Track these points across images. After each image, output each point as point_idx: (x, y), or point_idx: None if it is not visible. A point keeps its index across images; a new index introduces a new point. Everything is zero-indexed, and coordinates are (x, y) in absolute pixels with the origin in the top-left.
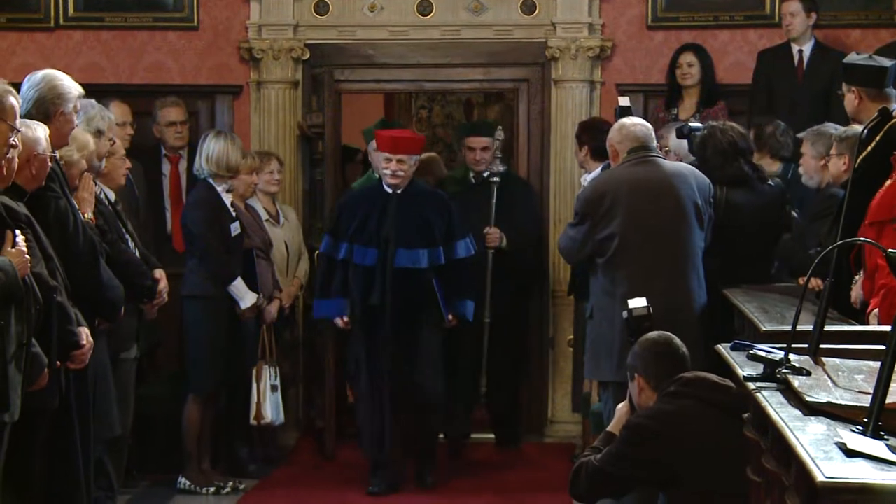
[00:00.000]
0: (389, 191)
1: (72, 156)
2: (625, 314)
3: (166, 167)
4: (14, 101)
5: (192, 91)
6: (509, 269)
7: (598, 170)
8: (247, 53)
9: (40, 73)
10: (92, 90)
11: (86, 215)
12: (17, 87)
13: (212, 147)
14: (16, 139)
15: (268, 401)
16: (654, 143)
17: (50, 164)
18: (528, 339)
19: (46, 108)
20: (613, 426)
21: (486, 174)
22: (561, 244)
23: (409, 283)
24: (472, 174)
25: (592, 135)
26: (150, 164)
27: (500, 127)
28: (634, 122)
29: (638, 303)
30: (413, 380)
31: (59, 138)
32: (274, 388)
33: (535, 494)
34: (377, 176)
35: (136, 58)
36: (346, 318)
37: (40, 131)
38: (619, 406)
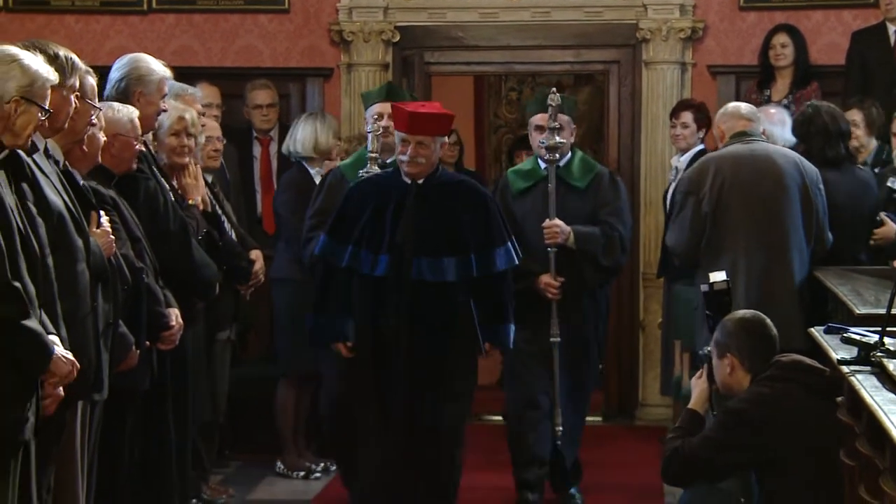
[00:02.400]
0: (408, 181)
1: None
2: (704, 287)
3: (257, 149)
4: (93, 80)
5: (283, 74)
6: (577, 274)
7: (694, 151)
8: (337, 36)
9: (127, 57)
10: (184, 73)
11: (191, 201)
12: (110, 70)
13: (300, 130)
14: (97, 118)
15: None
16: (760, 128)
17: (137, 146)
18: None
19: (128, 90)
20: (695, 403)
21: (556, 158)
22: (670, 241)
23: (431, 301)
24: (541, 163)
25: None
26: (242, 146)
27: (553, 90)
28: (740, 105)
29: (718, 276)
30: (434, 426)
31: (143, 121)
32: None
33: (627, 478)
34: (371, 154)
35: (228, 41)
36: (349, 343)
37: (125, 113)
38: (694, 380)
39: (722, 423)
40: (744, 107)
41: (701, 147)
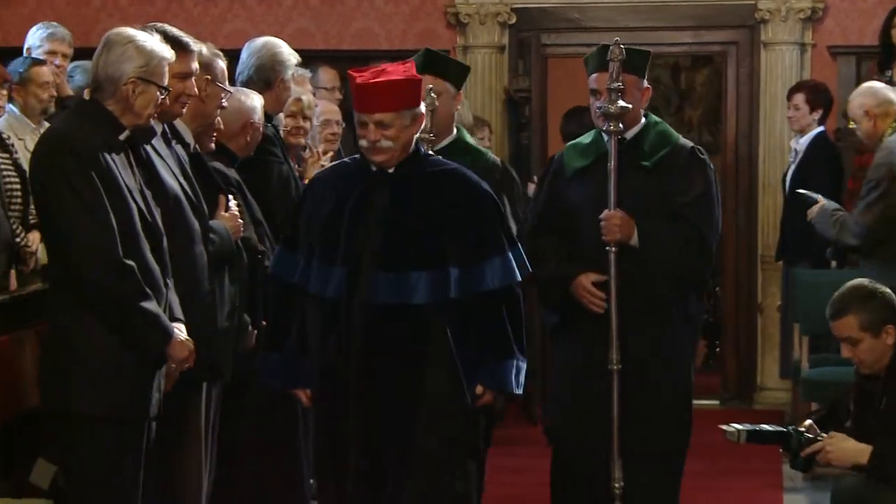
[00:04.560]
0: (374, 169)
1: None
2: None
3: None
4: (223, 63)
5: (399, 56)
6: (642, 284)
7: (814, 133)
8: (453, 18)
9: (261, 41)
10: (301, 56)
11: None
12: (229, 53)
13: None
14: (225, 101)
15: None
16: None
17: (263, 131)
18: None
19: (267, 75)
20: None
21: (619, 129)
22: (854, 230)
23: (391, 332)
24: (604, 136)
25: (822, 97)
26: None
27: (615, 39)
28: (880, 86)
29: None
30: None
31: (277, 105)
32: None
33: (742, 463)
34: (422, 135)
35: (345, 24)
36: (309, 392)
37: (256, 100)
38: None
39: None
40: (888, 88)
41: (820, 129)
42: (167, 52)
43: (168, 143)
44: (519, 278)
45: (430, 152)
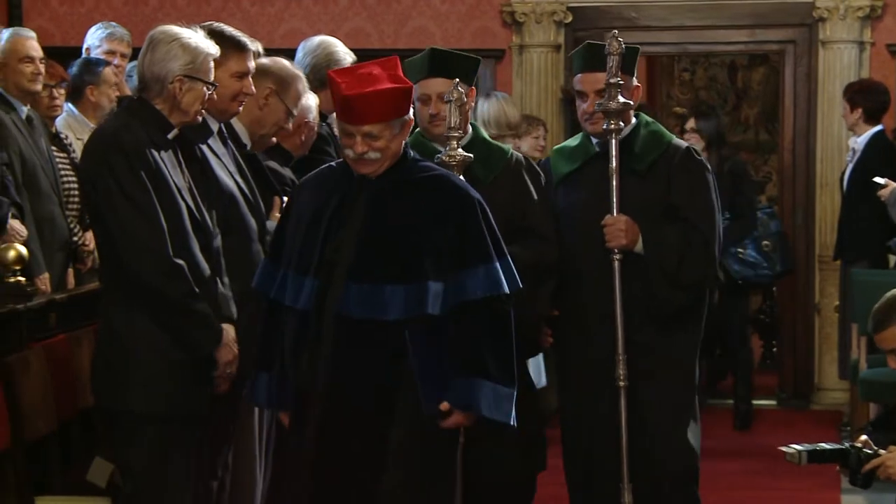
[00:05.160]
0: (357, 176)
1: None
2: None
3: None
4: (300, 86)
5: None
6: (645, 294)
7: (872, 132)
8: (509, 17)
9: (316, 40)
10: (357, 55)
11: None
12: (285, 52)
13: (486, 107)
14: (290, 124)
15: (529, 363)
16: None
17: (318, 130)
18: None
19: (322, 74)
20: None
21: (620, 127)
22: None
23: (362, 348)
24: (593, 140)
25: (866, 96)
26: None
27: (614, 32)
28: None
29: None
30: None
31: (332, 104)
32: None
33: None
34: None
35: (401, 23)
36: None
37: (311, 100)
38: None
39: None
40: None
41: (879, 128)
42: (212, 48)
43: (224, 142)
44: (506, 290)
45: (419, 157)
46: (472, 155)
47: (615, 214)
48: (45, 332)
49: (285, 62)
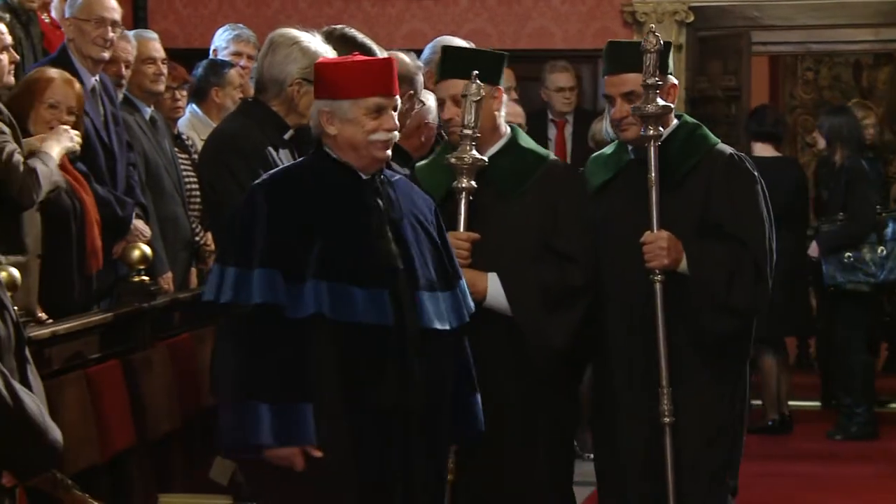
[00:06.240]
0: (364, 176)
1: None
2: None
3: (552, 132)
4: (421, 77)
5: (576, 56)
6: (689, 319)
7: None
8: (630, 17)
9: (436, 40)
10: None
11: None
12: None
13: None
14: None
15: None
16: None
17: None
18: None
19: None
20: None
21: (659, 133)
22: None
23: (441, 361)
24: (628, 146)
25: None
26: (537, 129)
27: (651, 27)
28: None
29: None
30: None
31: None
32: None
33: None
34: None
35: (521, 23)
36: (314, 449)
37: (431, 100)
38: None
39: None
40: None
41: None
42: (330, 53)
43: None
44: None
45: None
46: (485, 158)
47: (655, 231)
48: (169, 331)
49: (404, 57)
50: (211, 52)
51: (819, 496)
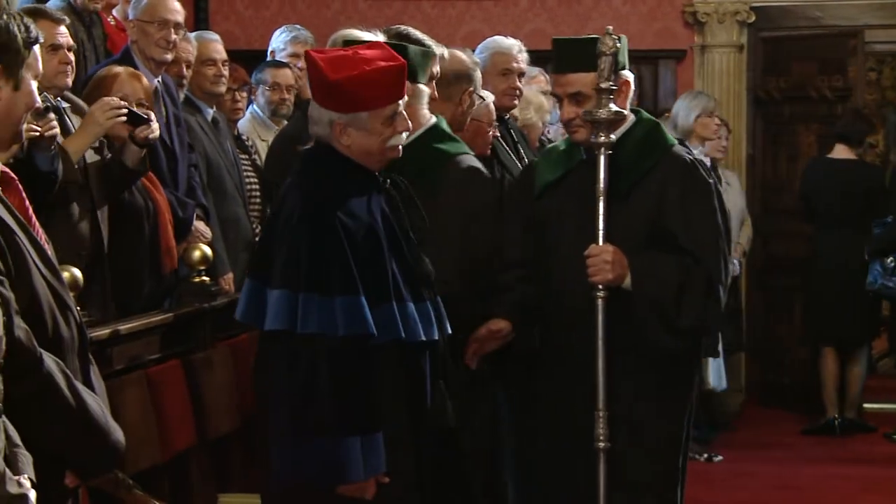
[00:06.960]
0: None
1: (530, 118)
2: None
3: None
4: (479, 75)
5: (636, 56)
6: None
7: None
8: (691, 17)
9: (489, 39)
10: (538, 56)
11: None
12: None
13: (679, 107)
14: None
15: (710, 366)
16: None
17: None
18: None
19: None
20: None
21: (610, 141)
22: None
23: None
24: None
25: None
26: None
27: (609, 28)
28: None
29: None
30: None
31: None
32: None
33: None
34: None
35: (581, 24)
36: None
37: (489, 97)
38: None
39: None
40: None
41: None
42: None
43: None
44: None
45: None
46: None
47: (601, 243)
48: (230, 332)
49: (461, 54)
50: (269, 53)
51: (875, 498)
